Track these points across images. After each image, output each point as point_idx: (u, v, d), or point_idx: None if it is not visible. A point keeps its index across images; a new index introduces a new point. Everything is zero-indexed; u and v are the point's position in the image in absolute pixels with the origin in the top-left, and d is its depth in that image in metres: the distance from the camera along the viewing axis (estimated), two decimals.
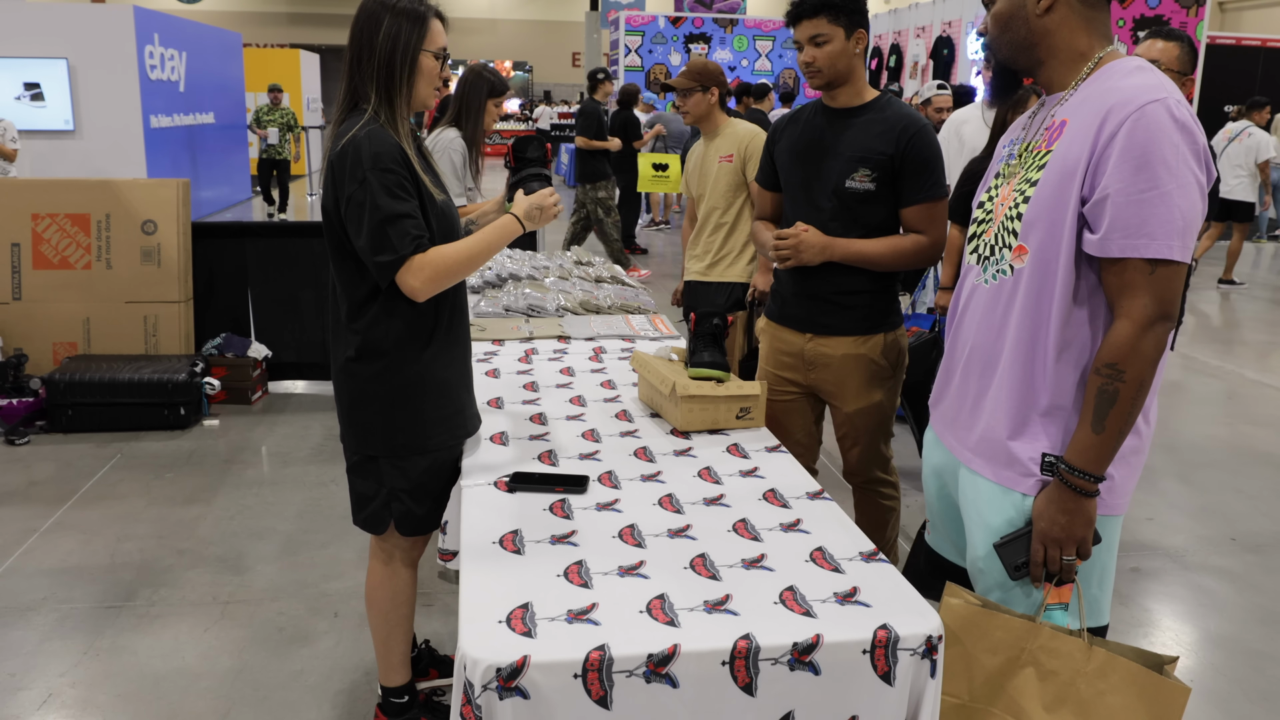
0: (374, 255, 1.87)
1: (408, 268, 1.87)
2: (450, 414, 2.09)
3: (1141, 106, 1.44)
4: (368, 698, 2.58)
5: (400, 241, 1.85)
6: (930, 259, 2.51)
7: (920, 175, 2.43)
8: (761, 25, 15.03)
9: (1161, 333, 1.47)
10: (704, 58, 3.82)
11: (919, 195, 2.44)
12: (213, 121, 12.02)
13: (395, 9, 1.91)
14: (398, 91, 1.93)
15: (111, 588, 3.14)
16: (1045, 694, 1.52)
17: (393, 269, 1.87)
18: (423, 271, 1.88)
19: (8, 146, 7.42)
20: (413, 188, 1.91)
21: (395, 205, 1.86)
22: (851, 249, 2.47)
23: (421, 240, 1.88)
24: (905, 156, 2.41)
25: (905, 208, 2.46)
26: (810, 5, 2.39)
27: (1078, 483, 1.51)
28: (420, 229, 1.89)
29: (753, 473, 2.04)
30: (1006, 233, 1.61)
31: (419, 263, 1.87)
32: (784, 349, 2.65)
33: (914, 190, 2.44)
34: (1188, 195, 1.44)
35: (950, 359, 1.78)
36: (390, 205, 1.85)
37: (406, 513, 2.11)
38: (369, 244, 1.86)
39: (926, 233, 2.47)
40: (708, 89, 3.68)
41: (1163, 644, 2.95)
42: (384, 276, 1.89)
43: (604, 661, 1.36)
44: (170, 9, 15.23)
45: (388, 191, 1.85)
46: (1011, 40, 1.63)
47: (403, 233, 1.86)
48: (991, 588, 1.66)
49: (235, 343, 5.05)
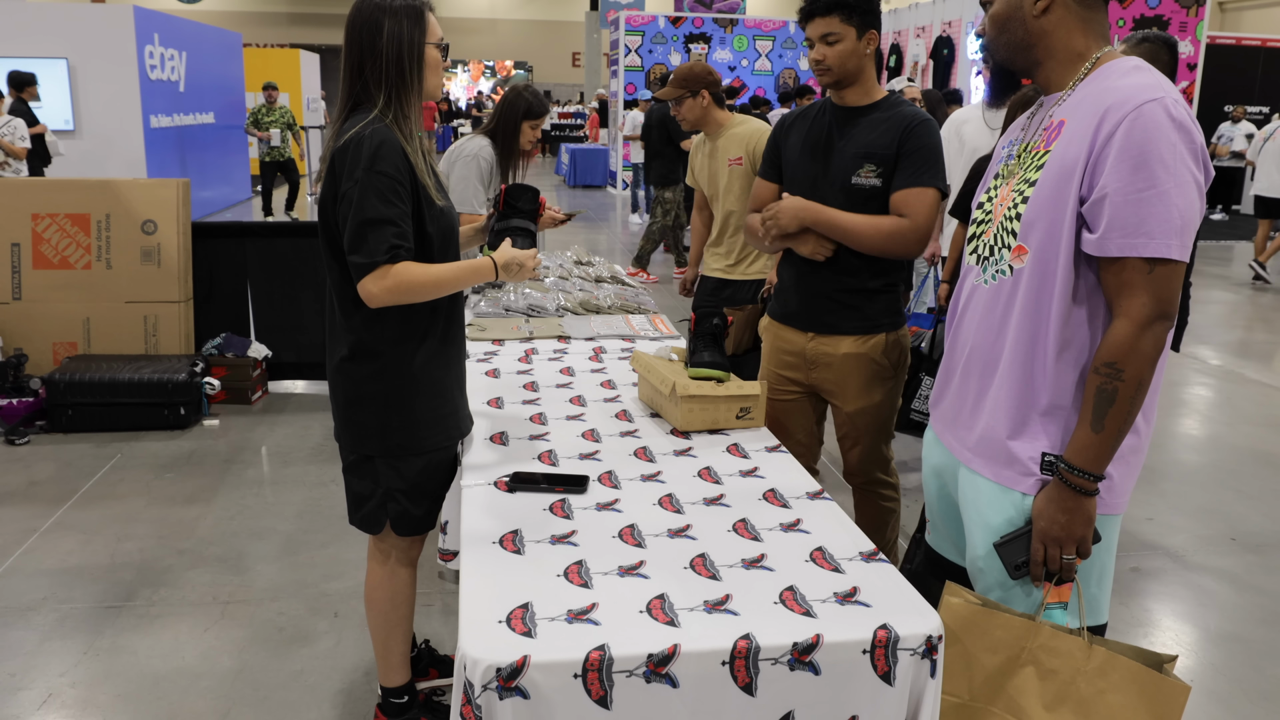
0: (350, 253, 1.88)
1: (375, 273, 1.87)
2: (445, 414, 2.10)
3: (1139, 106, 1.44)
4: (368, 698, 2.58)
5: (377, 246, 1.85)
6: (909, 245, 2.45)
7: (913, 162, 2.42)
8: (761, 25, 15.03)
9: (1160, 332, 1.47)
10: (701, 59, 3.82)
11: (907, 180, 2.42)
12: (213, 121, 12.03)
13: (392, 10, 1.92)
14: (410, 88, 1.95)
15: (111, 588, 3.14)
16: (1045, 693, 1.52)
17: (363, 271, 1.87)
18: (385, 281, 1.87)
19: (17, 145, 7.44)
20: (408, 193, 1.91)
21: (382, 209, 1.86)
22: (826, 215, 2.46)
23: (399, 250, 1.87)
24: (903, 146, 2.42)
25: (894, 192, 2.45)
26: (823, 4, 2.39)
27: (1077, 482, 1.51)
28: (402, 238, 1.88)
29: (753, 473, 2.04)
30: (1005, 233, 1.61)
31: (388, 272, 1.87)
32: (786, 348, 2.65)
33: (904, 176, 2.43)
34: (1186, 194, 1.44)
35: (950, 359, 1.78)
36: (376, 209, 1.85)
37: (403, 513, 2.11)
38: (348, 242, 1.88)
39: (910, 217, 2.43)
40: (697, 93, 3.67)
41: (1163, 643, 2.95)
42: (356, 276, 1.90)
43: (604, 661, 1.36)
44: (170, 9, 15.23)
45: (378, 194, 1.86)
46: (1009, 41, 1.63)
47: (381, 238, 1.86)
48: (991, 587, 1.66)
49: (235, 343, 5.05)
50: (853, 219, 2.45)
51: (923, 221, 2.43)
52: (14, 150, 7.40)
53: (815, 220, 2.47)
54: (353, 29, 1.94)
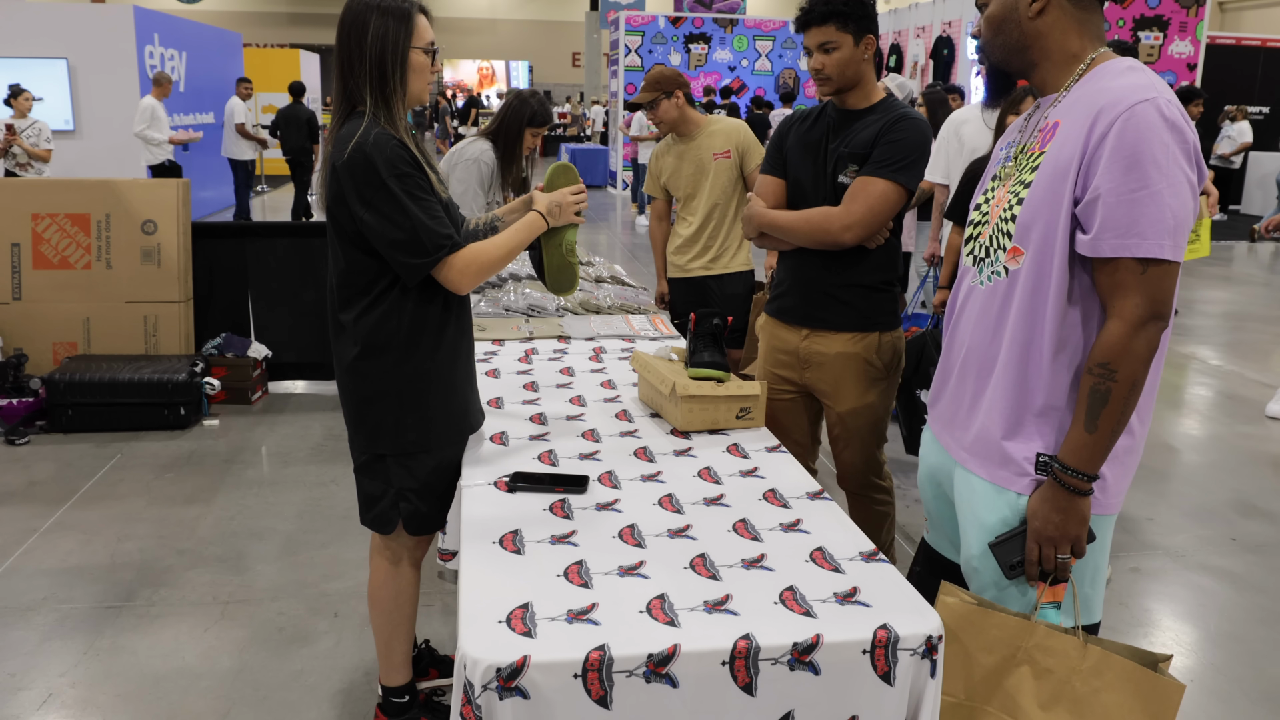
0: (410, 258, 1.90)
1: (449, 266, 1.93)
2: (457, 412, 2.11)
3: (1131, 106, 1.44)
4: (368, 698, 2.59)
5: (433, 243, 1.91)
6: (833, 233, 2.40)
7: (877, 155, 2.39)
8: (761, 25, 15.04)
9: (1154, 332, 1.47)
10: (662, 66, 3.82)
11: (862, 171, 2.40)
12: (213, 121, 12.03)
13: (380, 9, 1.92)
14: (393, 91, 1.94)
15: (111, 588, 3.14)
16: (1041, 692, 1.53)
17: (425, 270, 1.92)
18: (468, 269, 1.96)
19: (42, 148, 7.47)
20: (428, 182, 1.95)
21: (422, 210, 1.90)
22: (769, 217, 2.53)
23: (451, 238, 1.94)
24: (877, 142, 2.41)
25: None
26: (819, 13, 2.39)
27: (1071, 482, 1.52)
28: (447, 226, 1.94)
29: (753, 473, 2.04)
30: (1001, 234, 1.62)
31: (462, 262, 1.94)
32: (780, 347, 2.66)
33: (865, 168, 2.40)
34: (1178, 194, 1.44)
35: (947, 360, 1.79)
36: (417, 211, 1.89)
37: (414, 511, 2.12)
38: (405, 252, 1.90)
39: (843, 204, 2.40)
40: (671, 94, 3.67)
41: (1163, 644, 2.95)
42: (413, 277, 1.93)
43: (604, 661, 1.36)
44: (170, 9, 15.23)
45: (410, 196, 1.89)
46: (1004, 43, 1.64)
47: (434, 235, 1.91)
48: (986, 587, 1.67)
49: (235, 343, 5.05)
50: (785, 216, 2.50)
51: (856, 209, 2.38)
52: (37, 153, 7.41)
53: (762, 224, 2.54)
54: (342, 27, 1.94)
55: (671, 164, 3.76)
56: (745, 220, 2.60)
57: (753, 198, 2.62)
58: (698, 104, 11.80)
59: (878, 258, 2.50)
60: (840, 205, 2.42)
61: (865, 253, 2.48)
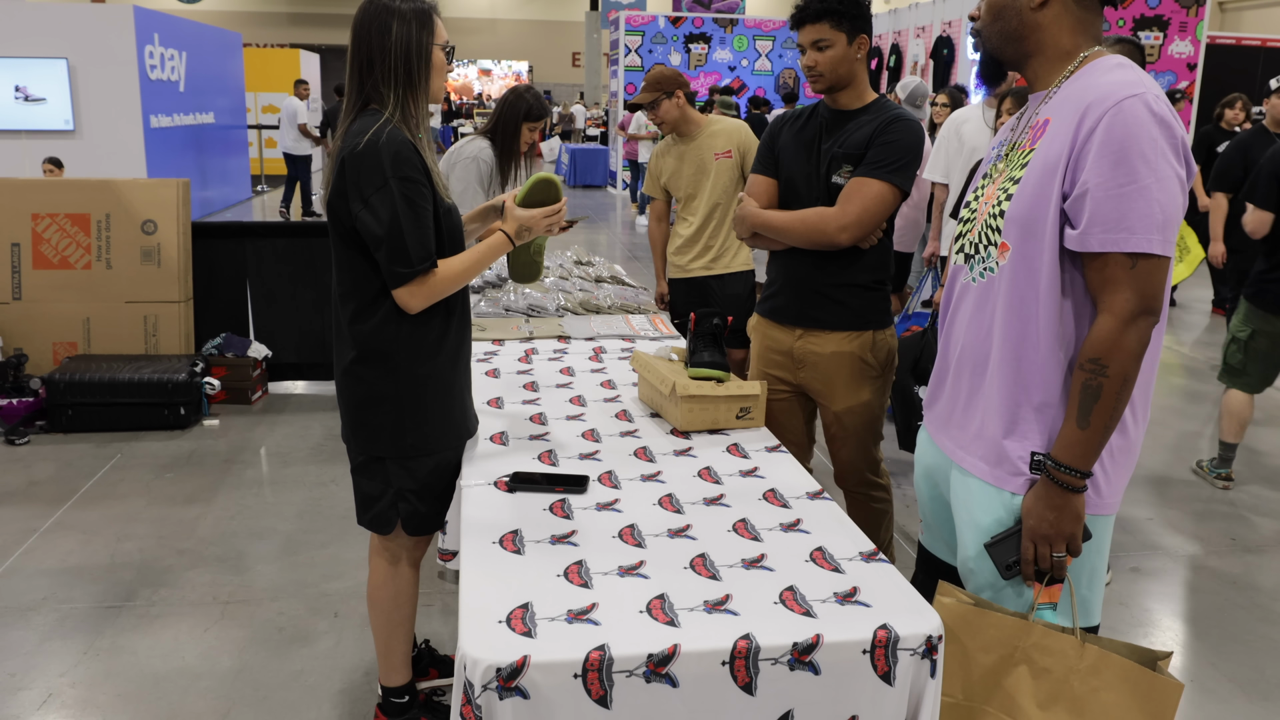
0: (390, 263, 1.91)
1: (414, 282, 1.93)
2: (456, 415, 2.11)
3: (1119, 102, 1.44)
4: (368, 698, 2.59)
5: (416, 255, 1.91)
6: (829, 234, 2.42)
7: (872, 155, 2.40)
8: (761, 25, 15.04)
9: (1144, 327, 1.47)
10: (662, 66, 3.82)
11: (857, 171, 2.42)
12: (213, 121, 12.02)
13: (400, 12, 1.94)
14: (419, 89, 1.98)
15: (111, 588, 3.14)
16: (1039, 692, 1.52)
17: (403, 280, 1.92)
18: (424, 287, 1.94)
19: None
20: (429, 192, 1.95)
21: (413, 217, 1.90)
22: (763, 218, 2.52)
23: (432, 257, 1.94)
24: (872, 143, 2.42)
25: None
26: (813, 11, 2.40)
27: (1064, 479, 1.52)
28: (432, 244, 1.94)
29: (753, 473, 2.04)
30: (990, 230, 1.62)
31: (426, 279, 1.94)
32: (774, 347, 2.66)
33: (860, 168, 2.42)
34: (1167, 189, 1.44)
35: (943, 359, 1.79)
36: (409, 217, 1.89)
37: (413, 512, 2.12)
38: (387, 252, 1.90)
39: (839, 205, 2.41)
40: (672, 94, 3.67)
41: (1163, 643, 2.95)
42: (394, 283, 1.93)
43: (604, 661, 1.36)
44: (170, 9, 15.22)
45: (408, 202, 1.90)
46: (1002, 30, 1.63)
47: (419, 246, 1.91)
48: (983, 587, 1.66)
49: (235, 343, 5.05)
50: (780, 216, 2.50)
51: (852, 209, 2.40)
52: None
53: (755, 224, 2.54)
54: (361, 28, 1.95)
55: (672, 164, 3.76)
56: (738, 220, 2.59)
57: (744, 197, 2.61)
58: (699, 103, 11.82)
59: (870, 257, 2.52)
60: (835, 206, 2.42)
61: (858, 252, 2.49)
